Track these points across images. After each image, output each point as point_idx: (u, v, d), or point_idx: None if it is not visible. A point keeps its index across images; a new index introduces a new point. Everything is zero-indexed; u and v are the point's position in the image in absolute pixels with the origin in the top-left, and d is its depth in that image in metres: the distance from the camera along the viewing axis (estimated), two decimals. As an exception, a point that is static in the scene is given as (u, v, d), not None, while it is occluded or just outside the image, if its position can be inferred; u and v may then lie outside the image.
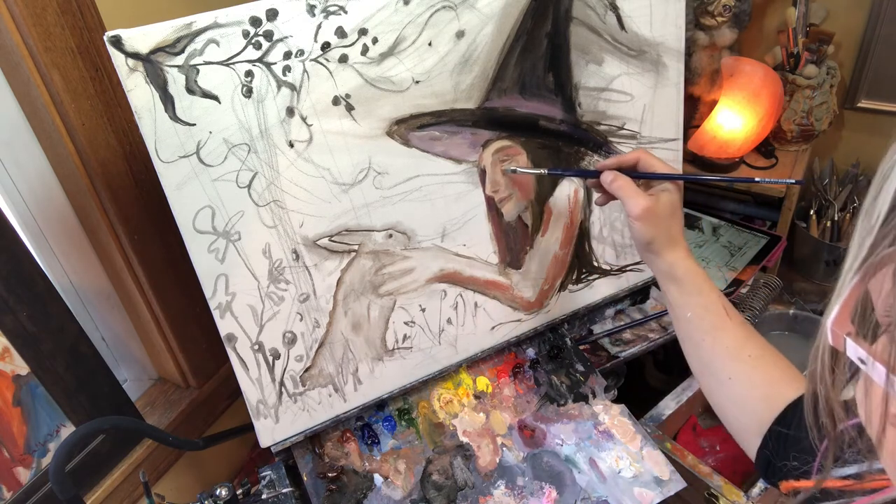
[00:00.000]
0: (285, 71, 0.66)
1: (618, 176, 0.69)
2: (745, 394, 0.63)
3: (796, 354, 1.06)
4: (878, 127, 1.46)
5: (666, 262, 0.68)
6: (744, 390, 0.63)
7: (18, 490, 0.79)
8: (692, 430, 1.07)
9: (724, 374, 0.64)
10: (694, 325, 0.67)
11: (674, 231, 0.68)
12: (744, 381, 0.63)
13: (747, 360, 0.63)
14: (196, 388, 1.02)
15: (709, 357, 0.66)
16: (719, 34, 1.30)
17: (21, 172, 0.81)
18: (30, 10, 0.68)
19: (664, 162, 0.70)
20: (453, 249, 0.82)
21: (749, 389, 0.63)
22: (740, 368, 0.64)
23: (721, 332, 0.65)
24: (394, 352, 0.83)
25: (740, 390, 0.63)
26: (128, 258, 0.88)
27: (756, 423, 0.61)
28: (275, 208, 0.70)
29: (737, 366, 0.64)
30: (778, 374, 0.63)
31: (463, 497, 0.79)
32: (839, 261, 1.44)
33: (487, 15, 0.73)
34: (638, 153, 0.71)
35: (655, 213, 0.66)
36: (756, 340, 0.65)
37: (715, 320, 0.66)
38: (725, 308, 0.66)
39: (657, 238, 0.67)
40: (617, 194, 0.69)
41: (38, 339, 0.78)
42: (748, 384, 0.63)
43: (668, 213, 0.67)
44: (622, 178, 0.69)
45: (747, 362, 0.63)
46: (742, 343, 0.64)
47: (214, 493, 0.77)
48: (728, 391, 0.64)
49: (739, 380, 0.63)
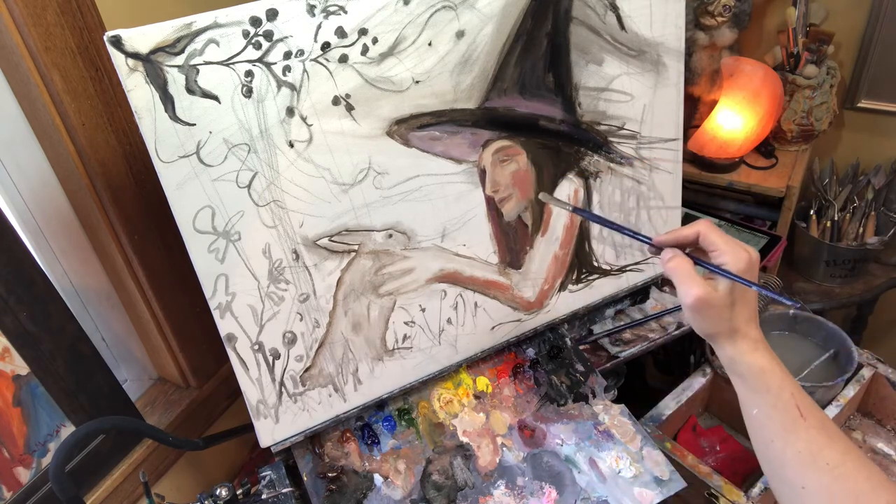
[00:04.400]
0: (285, 71, 0.66)
1: (676, 255, 0.61)
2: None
3: (796, 355, 1.07)
4: (878, 127, 1.46)
5: (726, 355, 0.61)
6: (820, 503, 0.56)
7: (18, 490, 0.79)
8: (692, 430, 1.07)
9: (797, 483, 0.57)
10: (761, 423, 0.60)
11: (736, 322, 0.60)
12: (821, 492, 0.56)
13: (825, 469, 0.56)
14: (196, 388, 1.02)
15: (779, 461, 0.59)
16: (719, 34, 1.31)
17: (21, 172, 0.81)
18: (30, 10, 0.68)
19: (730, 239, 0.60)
20: (453, 249, 0.82)
21: (826, 503, 0.56)
22: (816, 478, 0.56)
23: (793, 436, 0.58)
24: (394, 352, 0.83)
25: (816, 502, 0.57)
26: (128, 258, 0.88)
27: None
28: (275, 208, 0.70)
29: (812, 475, 0.57)
30: (864, 485, 0.55)
31: (463, 497, 0.79)
32: (839, 261, 1.44)
33: (487, 15, 0.73)
34: (699, 226, 0.61)
35: (711, 303, 0.58)
36: (837, 446, 0.57)
37: (785, 421, 0.58)
38: (800, 407, 0.58)
39: (712, 330, 0.61)
40: (670, 276, 0.61)
41: (38, 339, 0.78)
42: (825, 496, 0.56)
43: (726, 302, 0.59)
44: (678, 259, 0.60)
45: (825, 471, 0.56)
46: (819, 449, 0.57)
47: (214, 493, 0.77)
48: (802, 502, 0.58)
49: (815, 490, 0.56)
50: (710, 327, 0.60)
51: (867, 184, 1.45)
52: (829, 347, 1.05)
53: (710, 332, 0.61)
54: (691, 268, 0.60)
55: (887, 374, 1.02)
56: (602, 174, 0.89)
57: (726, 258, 0.58)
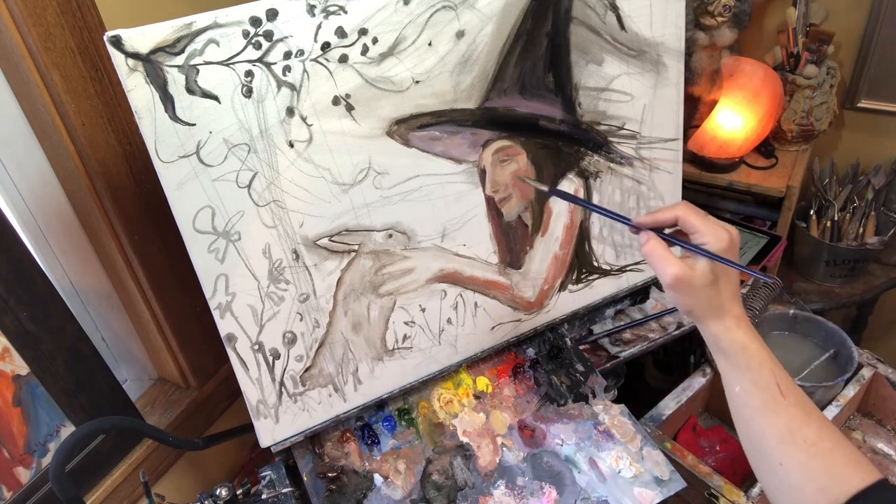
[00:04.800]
0: (285, 71, 0.66)
1: (651, 238, 0.61)
2: (799, 484, 0.57)
3: (796, 355, 1.07)
4: (878, 127, 1.46)
5: (709, 332, 0.62)
6: (798, 480, 0.57)
7: (18, 490, 0.79)
8: (692, 430, 1.07)
9: (775, 460, 0.58)
10: (742, 401, 0.61)
11: (718, 300, 0.60)
12: (798, 469, 0.57)
13: (802, 446, 0.57)
14: (196, 388, 1.02)
15: (758, 438, 0.60)
16: (719, 34, 1.31)
17: (21, 172, 0.81)
18: (30, 10, 0.68)
19: (709, 218, 0.61)
20: (453, 249, 0.82)
21: (804, 479, 0.56)
22: (794, 454, 0.57)
23: (772, 413, 0.59)
24: (394, 352, 0.83)
25: (794, 479, 0.57)
26: (128, 258, 0.88)
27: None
28: (275, 208, 0.70)
29: (790, 451, 0.57)
30: (840, 463, 0.56)
31: (463, 497, 0.79)
32: (839, 261, 1.43)
33: (487, 15, 0.73)
34: (678, 209, 0.61)
35: (689, 282, 0.59)
36: (815, 423, 0.58)
37: (766, 398, 0.59)
38: (780, 385, 0.59)
39: (695, 308, 0.61)
40: (647, 259, 0.62)
41: (38, 339, 0.78)
42: (803, 473, 0.57)
43: (706, 281, 0.59)
44: (652, 242, 0.61)
45: (802, 448, 0.57)
46: (798, 426, 0.58)
47: (214, 493, 0.77)
48: (780, 478, 0.58)
49: (792, 467, 0.57)
50: (692, 305, 0.61)
51: (867, 184, 1.45)
52: (829, 347, 1.05)
53: (692, 310, 0.62)
54: (665, 249, 0.60)
55: (887, 374, 1.02)
56: (602, 174, 0.89)
57: (706, 238, 0.59)
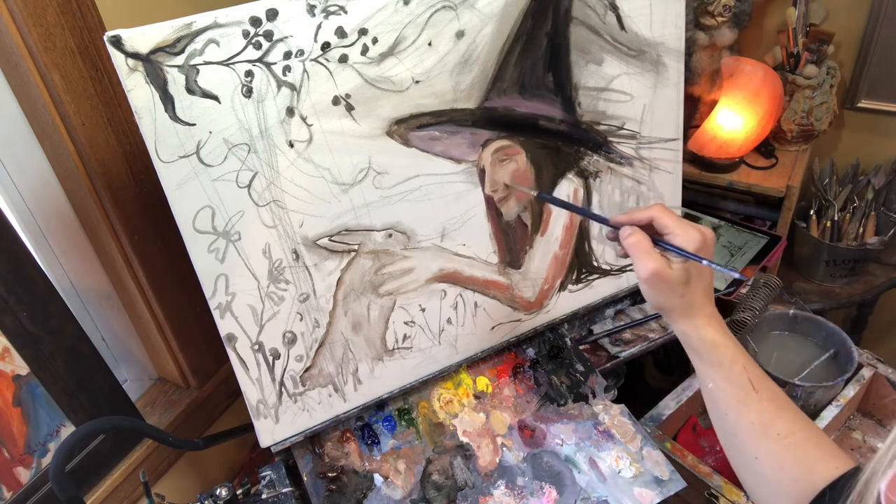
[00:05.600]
0: (285, 71, 0.66)
1: (635, 232, 0.62)
2: (773, 475, 0.58)
3: (796, 355, 1.07)
4: (878, 127, 1.46)
5: (679, 330, 0.63)
6: (772, 471, 0.58)
7: (18, 490, 0.79)
8: (692, 430, 1.07)
9: (750, 453, 0.60)
10: (716, 397, 0.62)
11: (689, 298, 0.61)
12: (772, 461, 0.58)
13: (775, 439, 0.59)
14: (196, 388, 1.02)
15: (733, 432, 0.61)
16: (719, 34, 1.30)
17: (21, 172, 0.81)
18: (30, 10, 0.68)
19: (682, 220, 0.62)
20: (453, 249, 0.82)
21: (778, 471, 0.58)
22: (768, 447, 0.59)
23: (745, 407, 0.60)
24: (394, 352, 0.83)
25: (768, 471, 0.59)
26: (128, 258, 0.88)
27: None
28: (275, 208, 0.70)
29: (764, 444, 0.59)
30: (813, 453, 0.57)
31: (463, 497, 0.79)
32: (839, 261, 1.43)
33: (487, 15, 0.73)
34: (653, 210, 0.62)
35: (665, 278, 0.60)
36: (787, 416, 0.60)
37: (739, 393, 0.60)
38: (752, 380, 0.60)
39: (667, 305, 0.62)
40: (629, 251, 0.62)
41: (38, 339, 0.78)
42: (777, 465, 0.58)
43: (681, 279, 0.60)
44: (637, 235, 0.62)
45: (776, 441, 0.58)
46: (770, 420, 0.59)
47: (214, 493, 0.77)
48: (756, 471, 0.60)
49: (767, 459, 0.59)
50: (665, 301, 0.62)
51: (867, 184, 1.45)
52: (829, 347, 1.05)
53: (664, 307, 0.62)
54: (649, 244, 0.61)
55: (887, 374, 1.02)
56: (602, 174, 0.89)
57: (679, 240, 0.60)
